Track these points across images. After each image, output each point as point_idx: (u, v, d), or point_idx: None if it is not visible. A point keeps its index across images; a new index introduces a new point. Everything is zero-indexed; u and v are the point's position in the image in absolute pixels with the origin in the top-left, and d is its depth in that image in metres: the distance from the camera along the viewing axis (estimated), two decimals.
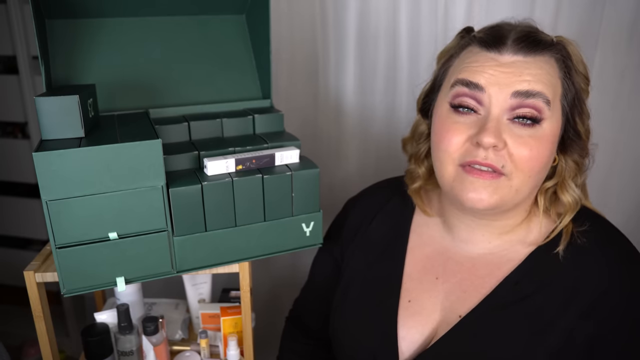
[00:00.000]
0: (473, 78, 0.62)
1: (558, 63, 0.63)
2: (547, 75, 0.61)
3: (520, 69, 0.60)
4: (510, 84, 0.60)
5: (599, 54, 1.01)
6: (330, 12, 1.12)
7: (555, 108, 0.62)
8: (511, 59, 0.61)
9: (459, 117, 0.63)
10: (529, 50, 0.61)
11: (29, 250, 1.79)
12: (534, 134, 0.60)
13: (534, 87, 0.59)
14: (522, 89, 0.59)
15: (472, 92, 0.62)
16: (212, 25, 0.88)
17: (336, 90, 1.18)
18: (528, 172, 0.61)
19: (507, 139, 0.60)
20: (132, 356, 0.85)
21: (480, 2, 1.03)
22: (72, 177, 0.61)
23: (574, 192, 0.66)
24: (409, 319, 0.70)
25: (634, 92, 1.03)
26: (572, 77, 0.63)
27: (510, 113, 0.60)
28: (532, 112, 0.60)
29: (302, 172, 0.74)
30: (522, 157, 0.60)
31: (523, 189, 0.62)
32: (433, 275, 0.72)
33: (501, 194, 0.61)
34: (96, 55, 0.81)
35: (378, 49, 1.12)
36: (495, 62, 0.61)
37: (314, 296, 0.90)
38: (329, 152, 1.23)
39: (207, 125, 0.80)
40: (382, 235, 0.79)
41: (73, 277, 0.66)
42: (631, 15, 0.98)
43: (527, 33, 0.63)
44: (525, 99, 0.59)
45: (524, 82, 0.60)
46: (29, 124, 1.58)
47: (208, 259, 0.73)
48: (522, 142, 0.60)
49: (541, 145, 0.61)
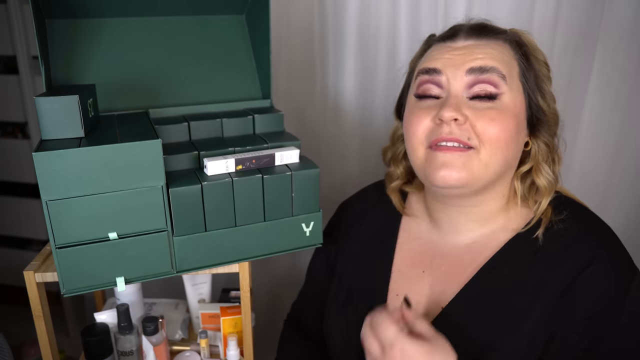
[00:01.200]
0: (431, 64, 0.67)
1: (512, 46, 0.67)
2: (500, 54, 0.65)
3: (473, 50, 0.65)
4: (464, 63, 0.64)
5: (599, 54, 1.01)
6: (330, 12, 1.12)
7: (513, 85, 0.65)
8: (464, 43, 0.66)
9: (422, 103, 0.68)
10: (480, 34, 0.66)
11: (29, 250, 1.79)
12: (493, 107, 0.63)
13: (487, 62, 0.63)
14: (475, 66, 0.64)
15: (432, 77, 0.66)
16: (212, 25, 0.88)
17: (336, 90, 1.18)
18: (495, 143, 0.62)
19: (468, 113, 0.63)
20: (132, 356, 0.85)
21: (480, 2, 1.03)
22: (72, 177, 0.61)
23: (548, 174, 0.68)
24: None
25: (634, 92, 1.03)
26: (530, 60, 0.66)
27: (468, 91, 0.64)
28: (488, 88, 0.63)
29: (302, 172, 0.74)
30: (485, 128, 0.62)
31: (492, 162, 0.63)
32: (420, 269, 0.74)
33: (470, 168, 0.63)
34: (96, 55, 0.81)
35: (377, 49, 1.13)
36: (450, 49, 0.67)
37: (311, 297, 0.92)
38: (328, 152, 1.23)
39: (207, 125, 0.80)
40: (372, 233, 0.82)
41: (73, 277, 0.66)
42: (631, 15, 0.98)
43: (479, 23, 0.69)
44: (479, 74, 0.63)
45: (477, 59, 0.64)
46: (29, 124, 1.58)
47: (208, 259, 0.73)
48: (482, 114, 0.63)
49: (503, 116, 0.63)
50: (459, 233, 0.72)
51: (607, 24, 0.99)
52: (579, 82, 1.04)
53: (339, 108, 1.20)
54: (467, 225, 0.71)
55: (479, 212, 0.70)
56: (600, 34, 1.00)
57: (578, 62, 1.03)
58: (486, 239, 0.70)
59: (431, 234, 0.76)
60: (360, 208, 0.86)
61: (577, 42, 1.02)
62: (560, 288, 0.62)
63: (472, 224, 0.71)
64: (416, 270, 0.74)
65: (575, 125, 1.07)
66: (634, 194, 1.10)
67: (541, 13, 1.01)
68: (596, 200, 1.10)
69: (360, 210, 0.86)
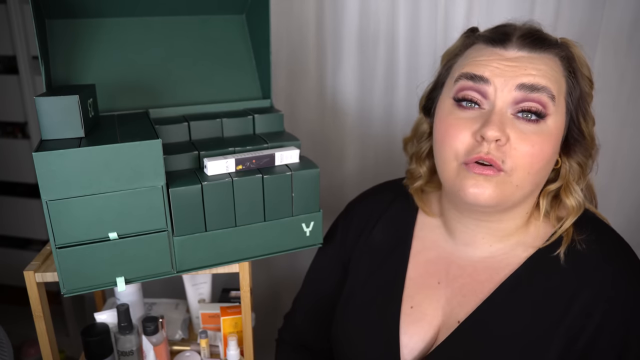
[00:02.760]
0: (477, 71, 0.61)
1: (562, 62, 0.63)
2: (551, 71, 0.61)
3: (525, 64, 0.60)
4: (516, 77, 0.59)
5: (599, 55, 1.01)
6: (330, 12, 1.12)
7: (559, 105, 0.61)
8: (516, 54, 0.61)
9: (462, 112, 0.63)
10: (533, 46, 0.61)
11: (29, 250, 1.79)
12: (537, 130, 0.60)
13: (539, 81, 0.59)
14: (527, 82, 0.59)
15: (477, 84, 0.61)
16: (212, 25, 0.88)
17: (336, 90, 1.18)
18: (528, 168, 0.60)
19: (511, 134, 0.59)
20: (132, 356, 0.85)
21: (480, 2, 1.03)
22: (72, 177, 0.61)
23: (579, 195, 0.65)
24: (411, 326, 0.69)
25: (634, 93, 1.03)
26: (577, 78, 0.63)
27: (515, 107, 0.60)
28: (536, 107, 0.59)
29: (302, 172, 0.74)
30: (523, 153, 0.59)
31: (523, 185, 0.61)
32: (435, 279, 0.71)
33: (502, 189, 0.60)
34: (96, 55, 0.81)
35: (377, 49, 1.12)
36: (500, 57, 0.61)
37: (316, 309, 0.86)
38: (328, 152, 1.23)
39: (207, 125, 0.80)
40: (384, 240, 0.78)
41: (73, 277, 0.66)
42: (631, 16, 0.98)
43: (532, 31, 0.63)
44: (530, 92, 0.59)
45: (529, 75, 0.59)
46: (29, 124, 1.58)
47: (208, 259, 0.73)
48: (524, 138, 0.59)
49: (544, 142, 0.60)
50: (475, 245, 0.70)
51: (607, 24, 0.99)
52: None
53: (339, 108, 1.20)
54: (485, 238, 0.69)
55: (499, 228, 0.68)
56: (601, 34, 1.00)
57: None
58: (504, 254, 0.68)
59: (446, 242, 0.73)
60: (370, 210, 0.82)
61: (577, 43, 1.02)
62: (578, 315, 0.61)
63: (490, 238, 0.69)
64: (431, 281, 0.71)
65: None
66: (634, 194, 1.10)
67: (541, 13, 1.01)
68: None
69: (370, 213, 0.81)
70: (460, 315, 0.67)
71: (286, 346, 0.89)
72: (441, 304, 0.69)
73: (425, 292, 0.71)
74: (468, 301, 0.67)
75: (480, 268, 0.69)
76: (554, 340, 0.61)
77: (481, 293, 0.67)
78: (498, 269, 0.67)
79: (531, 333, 0.62)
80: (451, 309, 0.68)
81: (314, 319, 0.86)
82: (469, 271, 0.69)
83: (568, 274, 0.63)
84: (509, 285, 0.66)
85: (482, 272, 0.68)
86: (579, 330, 0.61)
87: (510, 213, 0.66)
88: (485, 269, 0.68)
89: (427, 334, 0.68)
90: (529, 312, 0.63)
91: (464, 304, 0.67)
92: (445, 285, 0.70)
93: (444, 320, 0.68)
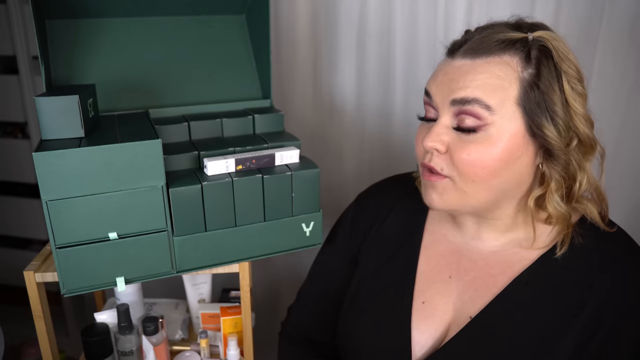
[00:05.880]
0: (429, 86, 0.65)
1: (524, 61, 0.59)
2: (493, 78, 0.59)
3: (463, 74, 0.60)
4: (451, 92, 0.61)
5: (599, 54, 1.01)
6: (330, 12, 1.12)
7: (506, 112, 0.59)
8: (460, 62, 0.62)
9: (422, 122, 0.68)
10: (475, 53, 0.61)
11: (29, 250, 1.79)
12: (476, 139, 0.60)
13: (470, 94, 0.59)
14: (457, 97, 0.60)
15: (429, 100, 0.65)
16: (212, 25, 0.88)
17: (335, 90, 1.18)
18: (471, 176, 0.61)
19: (450, 143, 0.62)
20: (132, 356, 0.85)
21: (480, 2, 1.03)
22: (72, 177, 0.61)
23: (558, 205, 0.63)
24: (423, 321, 0.69)
25: (634, 93, 1.03)
26: (541, 77, 0.59)
27: (454, 120, 0.62)
28: (468, 121, 0.60)
29: (302, 172, 0.74)
30: (461, 161, 0.61)
31: (474, 191, 0.62)
32: (446, 273, 0.71)
33: (449, 197, 0.64)
34: (96, 55, 0.81)
35: (377, 49, 1.12)
36: (447, 67, 0.63)
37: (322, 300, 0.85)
38: (328, 152, 1.23)
39: (207, 125, 0.80)
40: (395, 233, 0.78)
41: (73, 277, 0.66)
42: (631, 15, 0.98)
43: (480, 38, 0.61)
44: (462, 106, 0.60)
45: (460, 89, 0.60)
46: (29, 124, 1.58)
47: (208, 259, 0.73)
48: (461, 147, 0.61)
49: (484, 150, 0.60)
50: (482, 239, 0.70)
51: (607, 24, 0.99)
52: None
53: (338, 108, 1.20)
54: (490, 233, 0.69)
55: (496, 224, 0.68)
56: (601, 34, 1.00)
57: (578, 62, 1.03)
58: (515, 248, 0.68)
59: (455, 236, 0.73)
60: (381, 203, 0.81)
61: (578, 42, 1.02)
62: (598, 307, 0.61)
63: (495, 233, 0.69)
64: (442, 275, 0.71)
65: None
66: (634, 195, 1.10)
67: (541, 13, 1.01)
68: None
69: (381, 206, 0.81)
70: (472, 310, 0.67)
71: (290, 340, 0.88)
72: (452, 298, 0.69)
73: (436, 286, 0.71)
74: (480, 296, 0.67)
75: (492, 262, 0.69)
76: (567, 338, 0.61)
77: (494, 287, 0.67)
78: (511, 263, 0.67)
79: (545, 329, 0.62)
80: (462, 304, 0.68)
81: (319, 312, 0.86)
82: (480, 265, 0.69)
83: (582, 271, 0.63)
84: (523, 279, 0.65)
85: (495, 266, 0.68)
86: (594, 328, 0.61)
87: (495, 212, 0.67)
88: (497, 263, 0.68)
89: (438, 330, 0.68)
90: (543, 308, 0.63)
91: (476, 298, 0.67)
92: (457, 280, 0.70)
93: (455, 316, 0.68)
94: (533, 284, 0.65)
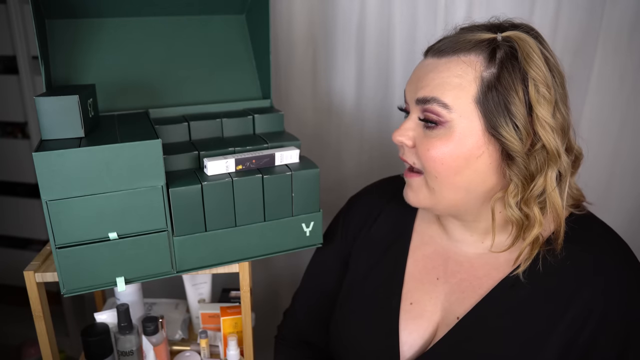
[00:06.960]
0: (406, 86, 0.67)
1: (488, 61, 0.59)
2: (451, 77, 0.60)
3: (426, 74, 0.63)
4: (416, 91, 0.64)
5: (599, 55, 1.01)
6: (329, 12, 1.12)
7: (465, 110, 0.60)
8: (427, 62, 0.65)
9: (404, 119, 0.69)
10: (441, 53, 0.63)
11: (29, 250, 1.79)
12: (438, 134, 0.62)
13: (428, 93, 0.62)
14: (419, 96, 0.63)
15: (405, 97, 0.68)
16: (212, 25, 0.89)
17: (335, 90, 1.18)
18: (433, 172, 0.63)
19: (416, 139, 0.65)
20: (132, 356, 0.85)
21: (480, 3, 1.03)
22: (72, 177, 0.61)
23: (513, 211, 0.62)
24: (411, 322, 0.70)
25: (634, 93, 1.03)
26: (502, 78, 0.58)
27: (422, 116, 0.64)
28: (431, 116, 0.62)
29: (302, 172, 0.74)
30: (423, 156, 0.63)
31: (439, 188, 0.64)
32: (434, 275, 0.72)
33: (422, 194, 0.66)
34: (96, 55, 0.81)
35: (376, 49, 1.12)
36: (418, 67, 0.66)
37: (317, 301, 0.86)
38: (327, 152, 1.23)
39: (207, 125, 0.80)
40: (384, 235, 0.79)
41: (73, 277, 0.66)
42: (631, 16, 0.98)
43: (456, 35, 0.63)
44: (423, 104, 0.63)
45: (421, 89, 0.63)
46: (29, 124, 1.58)
47: (208, 259, 0.73)
48: (425, 142, 0.63)
49: (444, 145, 0.61)
50: (467, 242, 0.71)
51: (607, 24, 0.99)
52: (579, 82, 1.04)
53: (337, 108, 1.20)
54: (474, 236, 0.70)
55: (478, 226, 0.68)
56: (601, 34, 1.00)
57: (578, 62, 1.03)
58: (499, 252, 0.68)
59: (442, 238, 0.74)
60: (371, 206, 0.82)
61: (578, 43, 1.02)
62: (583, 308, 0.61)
63: (478, 236, 0.69)
64: (430, 277, 0.72)
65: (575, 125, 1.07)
66: (634, 194, 1.10)
67: (541, 13, 1.01)
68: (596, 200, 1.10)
69: (371, 209, 0.82)
70: (459, 311, 0.67)
71: (286, 342, 0.88)
72: (440, 300, 0.70)
73: (424, 288, 0.72)
74: (467, 297, 0.68)
75: (478, 264, 0.69)
76: (553, 337, 0.61)
77: (480, 289, 0.67)
78: (496, 265, 0.68)
79: (530, 329, 0.62)
80: (450, 305, 0.69)
81: (314, 314, 0.86)
82: (466, 267, 0.70)
83: (568, 272, 0.64)
84: (508, 282, 0.66)
85: (480, 268, 0.69)
86: (579, 327, 0.61)
87: (471, 215, 0.67)
88: (483, 265, 0.69)
89: (426, 331, 0.69)
90: (528, 309, 0.64)
91: (463, 300, 0.68)
92: (444, 281, 0.71)
93: (442, 317, 0.69)
94: (519, 285, 0.65)
